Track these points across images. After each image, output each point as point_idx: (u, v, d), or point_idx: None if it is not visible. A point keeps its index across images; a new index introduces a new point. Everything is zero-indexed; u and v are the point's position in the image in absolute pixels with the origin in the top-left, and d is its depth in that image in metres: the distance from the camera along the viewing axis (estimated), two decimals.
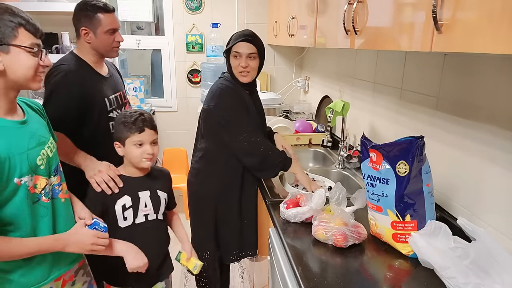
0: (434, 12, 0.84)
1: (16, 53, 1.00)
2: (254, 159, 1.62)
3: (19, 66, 1.02)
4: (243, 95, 1.70)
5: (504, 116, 1.08)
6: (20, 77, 1.03)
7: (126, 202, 1.38)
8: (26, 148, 1.05)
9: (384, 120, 1.81)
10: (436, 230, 1.07)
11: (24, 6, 2.86)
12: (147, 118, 1.37)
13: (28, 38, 1.02)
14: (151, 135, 1.37)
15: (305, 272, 1.06)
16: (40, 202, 1.09)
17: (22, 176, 1.03)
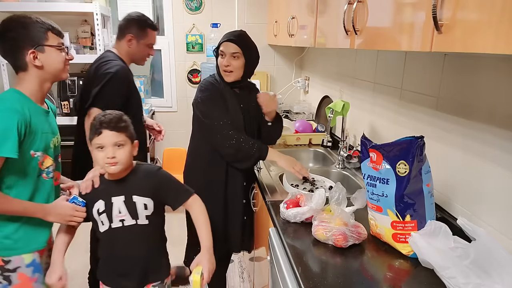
0: (434, 12, 0.84)
1: (49, 52, 1.31)
2: (228, 150, 1.67)
3: (52, 61, 1.32)
4: (226, 93, 1.73)
5: (504, 116, 1.08)
6: (54, 70, 1.34)
7: (100, 207, 1.35)
8: (46, 131, 1.35)
9: (384, 120, 1.81)
10: (436, 230, 1.07)
11: (24, 6, 2.87)
12: (106, 119, 1.26)
13: (55, 39, 1.33)
14: (112, 137, 1.25)
15: (305, 272, 1.06)
16: (41, 177, 1.34)
17: (37, 150, 1.30)
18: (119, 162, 1.28)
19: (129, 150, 1.31)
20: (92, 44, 3.18)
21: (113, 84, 1.80)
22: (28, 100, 1.29)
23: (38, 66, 1.28)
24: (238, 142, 1.66)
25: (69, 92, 3.01)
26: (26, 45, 1.25)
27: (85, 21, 3.22)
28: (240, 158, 1.69)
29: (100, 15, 2.91)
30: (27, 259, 1.33)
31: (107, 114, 1.29)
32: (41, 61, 1.28)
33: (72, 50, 2.99)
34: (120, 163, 1.28)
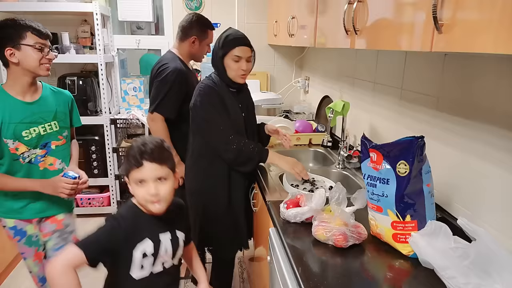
0: (434, 12, 0.84)
1: (25, 50, 1.47)
2: (229, 155, 1.67)
3: (27, 59, 1.48)
4: (224, 95, 1.72)
5: (504, 116, 1.08)
6: (29, 67, 1.50)
7: (147, 248, 1.14)
8: (18, 121, 1.52)
9: (384, 120, 1.81)
10: (436, 230, 1.07)
11: (24, 6, 2.87)
12: (148, 149, 1.09)
13: (33, 38, 1.48)
14: (154, 171, 1.09)
15: (305, 272, 1.06)
16: (18, 161, 1.57)
17: (6, 138, 1.52)
18: (162, 200, 1.11)
19: (172, 185, 1.14)
20: (92, 44, 3.18)
21: (173, 91, 2.00)
22: (4, 93, 1.52)
23: (15, 62, 1.47)
24: (238, 146, 1.66)
25: None
26: (5, 43, 1.45)
27: (85, 21, 3.22)
28: (241, 162, 1.69)
29: (100, 15, 2.91)
30: (9, 223, 1.64)
31: (147, 143, 1.10)
32: (17, 58, 1.47)
33: (72, 50, 2.99)
34: (164, 200, 1.12)
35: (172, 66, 2.01)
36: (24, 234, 1.67)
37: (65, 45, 3.00)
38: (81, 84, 3.03)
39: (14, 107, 1.51)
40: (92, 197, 3.25)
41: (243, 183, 1.81)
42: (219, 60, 1.70)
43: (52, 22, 3.21)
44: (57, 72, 3.26)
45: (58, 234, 1.72)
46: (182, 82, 2.02)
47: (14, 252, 2.54)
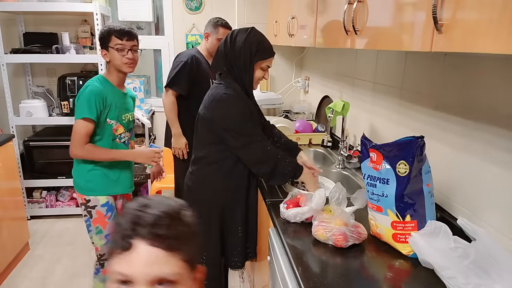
0: (434, 12, 0.84)
1: (111, 51, 1.76)
2: (265, 167, 1.56)
3: (113, 58, 1.77)
4: (247, 101, 1.64)
5: (504, 116, 1.08)
6: (116, 64, 1.78)
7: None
8: (120, 106, 1.84)
9: (384, 120, 1.81)
10: (436, 230, 1.07)
11: (24, 6, 2.87)
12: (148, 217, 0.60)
13: (115, 41, 1.75)
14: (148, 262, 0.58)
15: (305, 272, 1.06)
16: (115, 141, 1.85)
17: (111, 119, 1.80)
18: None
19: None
20: (92, 44, 3.18)
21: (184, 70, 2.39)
22: (108, 83, 1.82)
23: (107, 61, 1.80)
24: (276, 159, 1.56)
25: (69, 92, 3.00)
26: (101, 46, 1.78)
27: (85, 21, 3.22)
28: (275, 175, 1.57)
29: (100, 15, 2.91)
30: (102, 200, 1.85)
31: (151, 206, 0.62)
32: (108, 57, 1.78)
33: (72, 50, 2.99)
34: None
35: (186, 52, 2.49)
36: (114, 210, 1.90)
37: (65, 45, 3.01)
38: (81, 84, 3.00)
39: (117, 94, 1.83)
40: None
41: (257, 194, 1.77)
42: (250, 65, 1.58)
43: (52, 22, 3.21)
44: (57, 72, 3.26)
45: None
46: (193, 64, 2.41)
47: (14, 252, 2.54)
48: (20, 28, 3.18)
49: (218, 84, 1.63)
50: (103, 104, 1.75)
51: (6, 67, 2.91)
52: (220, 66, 1.62)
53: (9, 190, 2.55)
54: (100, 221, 1.85)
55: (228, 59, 1.59)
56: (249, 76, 1.59)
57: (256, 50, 1.55)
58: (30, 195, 3.21)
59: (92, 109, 1.71)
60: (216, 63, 1.64)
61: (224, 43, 1.60)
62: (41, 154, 3.10)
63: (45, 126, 3.37)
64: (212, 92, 1.62)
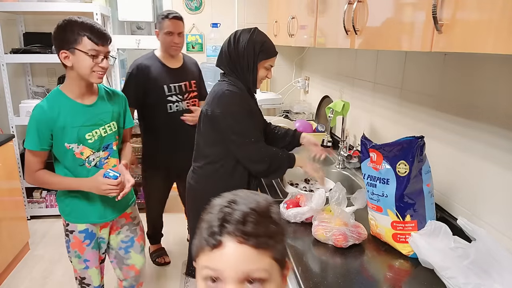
0: (434, 12, 0.84)
1: (79, 55, 1.40)
2: (261, 166, 1.59)
3: (80, 64, 1.41)
4: (249, 102, 1.65)
5: (504, 116, 1.08)
6: (81, 72, 1.43)
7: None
8: (80, 124, 1.48)
9: (384, 120, 1.81)
10: (436, 230, 1.07)
11: (24, 6, 2.87)
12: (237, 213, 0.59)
13: (88, 45, 1.40)
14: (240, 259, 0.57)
15: (305, 272, 1.06)
16: (84, 166, 1.53)
17: (70, 143, 1.47)
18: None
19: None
20: None
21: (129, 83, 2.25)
22: (64, 96, 1.48)
23: (69, 66, 1.43)
24: (270, 157, 1.60)
25: None
26: (61, 46, 1.41)
27: None
28: (271, 172, 1.62)
29: (100, 15, 2.91)
30: (80, 227, 1.60)
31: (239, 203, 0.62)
32: (71, 62, 1.41)
33: None
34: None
35: (136, 61, 2.28)
36: (94, 237, 1.64)
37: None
38: None
39: (75, 110, 1.48)
40: None
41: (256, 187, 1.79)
42: (254, 64, 1.59)
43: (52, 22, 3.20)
44: (57, 72, 3.26)
45: (127, 228, 1.74)
46: (139, 73, 2.22)
47: (14, 252, 2.54)
48: (20, 28, 3.18)
49: (222, 81, 1.64)
50: (50, 131, 1.44)
51: (6, 67, 2.91)
52: (224, 65, 1.64)
53: (9, 190, 2.55)
54: (77, 246, 1.63)
55: (231, 59, 1.60)
56: (253, 76, 1.60)
57: (260, 49, 1.57)
58: (30, 195, 3.21)
59: (35, 139, 1.43)
60: (220, 62, 1.66)
61: (227, 42, 1.62)
62: None
63: None
64: (215, 89, 1.64)
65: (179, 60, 2.35)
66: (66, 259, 2.67)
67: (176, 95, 2.28)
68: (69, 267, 2.60)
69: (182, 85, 2.30)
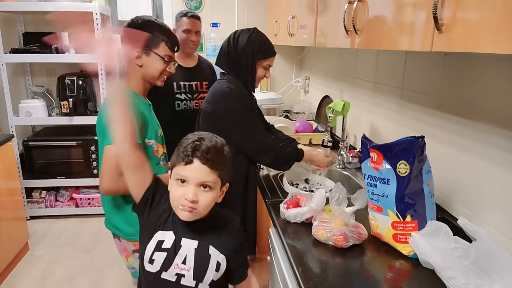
0: (434, 11, 0.83)
1: (153, 57, 1.39)
2: (269, 157, 1.62)
3: (151, 67, 1.40)
4: (248, 98, 1.68)
5: (505, 116, 1.08)
6: (150, 73, 1.41)
7: (166, 239, 0.99)
8: (155, 121, 1.45)
9: (384, 120, 1.81)
10: (436, 230, 1.07)
11: (24, 6, 2.87)
12: (203, 146, 0.95)
13: (165, 50, 1.40)
14: (201, 173, 0.94)
15: (305, 272, 1.06)
16: (159, 165, 1.43)
17: (150, 139, 1.38)
18: (197, 210, 0.95)
19: (215, 196, 0.98)
20: None
21: None
22: (136, 95, 1.40)
23: (138, 64, 1.38)
24: (278, 148, 1.63)
25: (68, 92, 3.00)
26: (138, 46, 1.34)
27: None
28: (279, 163, 1.66)
29: (99, 15, 2.91)
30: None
31: (205, 139, 0.97)
32: (142, 62, 1.38)
33: (72, 50, 2.99)
34: (199, 211, 0.95)
35: None
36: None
37: (64, 45, 3.00)
38: (81, 84, 3.03)
39: (146, 108, 1.43)
40: (92, 197, 3.24)
41: (255, 188, 1.78)
42: (253, 63, 1.61)
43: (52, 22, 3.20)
44: (56, 72, 3.26)
45: None
46: None
47: (13, 252, 2.54)
48: (19, 28, 3.17)
49: (221, 79, 1.67)
50: (141, 121, 1.33)
51: (6, 67, 2.91)
52: (223, 64, 1.66)
53: (9, 190, 2.54)
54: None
55: (231, 58, 1.62)
56: (252, 75, 1.62)
57: (258, 49, 1.59)
58: (30, 195, 3.21)
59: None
60: (219, 62, 1.68)
61: (227, 42, 1.64)
62: (41, 154, 3.09)
63: (44, 126, 3.36)
64: (214, 86, 1.66)
65: (194, 60, 2.35)
66: (65, 259, 2.67)
67: (185, 94, 2.27)
68: (69, 267, 2.60)
69: (192, 84, 2.29)
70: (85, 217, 3.18)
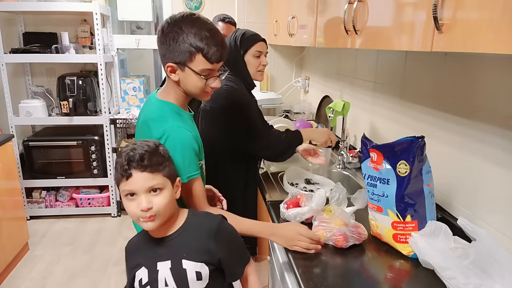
0: (434, 11, 0.83)
1: (188, 73, 1.14)
2: (271, 151, 1.67)
3: (188, 83, 1.16)
4: (248, 96, 1.70)
5: (505, 116, 1.08)
6: (189, 91, 1.18)
7: (143, 276, 1.00)
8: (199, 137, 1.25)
9: (384, 120, 1.81)
10: (436, 230, 1.07)
11: (24, 6, 2.87)
12: (136, 155, 0.93)
13: (202, 63, 1.12)
14: (144, 181, 0.93)
15: (305, 272, 1.06)
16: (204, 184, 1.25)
17: (201, 159, 1.24)
18: (157, 214, 0.95)
19: (170, 195, 0.97)
20: (91, 43, 3.18)
21: None
22: (180, 109, 1.21)
23: (174, 80, 1.16)
24: (277, 142, 1.67)
25: (68, 92, 3.00)
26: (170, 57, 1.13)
27: (85, 21, 3.22)
28: (280, 153, 1.70)
29: (99, 15, 2.91)
30: None
31: (137, 148, 0.95)
32: (177, 77, 1.15)
33: (71, 50, 2.99)
34: (159, 214, 0.95)
35: None
36: None
37: (64, 45, 3.00)
38: (81, 84, 3.03)
39: (193, 123, 1.27)
40: (92, 197, 3.24)
41: (255, 187, 1.79)
42: (240, 58, 1.64)
43: (51, 22, 3.21)
44: (56, 72, 3.26)
45: None
46: None
47: (13, 252, 2.54)
48: (19, 28, 3.17)
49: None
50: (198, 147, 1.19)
51: (6, 67, 2.91)
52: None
53: (9, 190, 2.54)
54: None
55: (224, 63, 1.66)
56: (244, 69, 1.65)
57: (240, 41, 1.64)
58: (30, 195, 3.21)
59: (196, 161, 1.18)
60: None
61: None
62: (41, 154, 3.09)
63: (44, 126, 3.36)
64: None
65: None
66: (65, 259, 2.67)
67: None
68: (68, 267, 2.60)
69: None
70: (85, 217, 3.19)
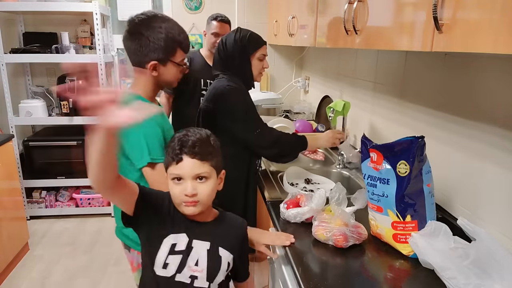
0: (434, 11, 0.83)
1: (170, 66, 1.28)
2: (274, 150, 1.66)
3: (168, 75, 1.30)
4: (249, 94, 1.71)
5: (505, 116, 1.08)
6: (167, 82, 1.32)
7: (179, 242, 1.01)
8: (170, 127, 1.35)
9: (384, 120, 1.81)
10: (436, 230, 1.06)
11: (24, 6, 2.87)
12: (189, 141, 0.98)
13: (180, 55, 1.29)
14: (193, 168, 0.97)
15: (305, 272, 1.06)
16: None
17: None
18: (200, 201, 0.99)
19: (214, 184, 1.02)
20: (91, 43, 3.18)
21: None
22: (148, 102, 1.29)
23: (154, 75, 1.27)
24: (280, 142, 1.66)
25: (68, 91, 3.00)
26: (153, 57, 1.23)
27: (85, 21, 3.22)
28: (284, 155, 1.70)
29: (99, 15, 2.91)
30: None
31: (189, 135, 1.00)
32: (158, 72, 1.27)
33: (72, 50, 2.99)
34: (201, 202, 0.99)
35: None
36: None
37: (64, 45, 3.00)
38: None
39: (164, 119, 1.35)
40: (92, 197, 3.24)
41: (255, 186, 1.79)
42: (246, 58, 1.64)
43: (51, 22, 3.21)
44: (56, 72, 3.26)
45: None
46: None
47: (14, 252, 2.54)
48: (19, 28, 3.17)
49: (221, 78, 1.68)
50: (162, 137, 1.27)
51: (6, 67, 2.91)
52: (219, 69, 1.69)
53: (9, 190, 2.54)
54: None
55: (223, 61, 1.66)
56: (249, 70, 1.66)
57: (247, 42, 1.63)
58: (30, 195, 3.21)
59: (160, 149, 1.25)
60: (215, 67, 1.72)
61: (217, 50, 1.69)
62: (41, 154, 3.09)
63: (44, 126, 3.37)
64: (214, 85, 1.67)
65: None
66: (65, 259, 2.67)
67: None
68: (69, 267, 2.60)
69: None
70: (85, 217, 3.18)
